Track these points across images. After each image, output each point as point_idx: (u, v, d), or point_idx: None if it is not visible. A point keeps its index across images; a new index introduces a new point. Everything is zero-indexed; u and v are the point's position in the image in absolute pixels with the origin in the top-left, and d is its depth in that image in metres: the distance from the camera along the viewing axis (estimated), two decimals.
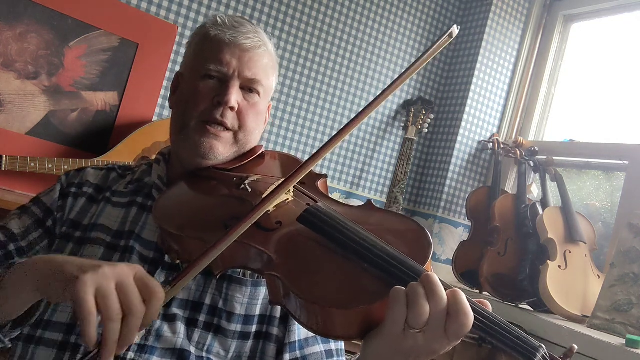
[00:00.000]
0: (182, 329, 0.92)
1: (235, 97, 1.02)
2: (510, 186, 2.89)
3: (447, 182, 2.88)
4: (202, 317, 0.94)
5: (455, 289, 0.71)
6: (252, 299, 0.97)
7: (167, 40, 2.38)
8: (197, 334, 0.93)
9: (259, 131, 1.11)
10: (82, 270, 0.70)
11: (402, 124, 2.93)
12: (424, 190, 3.02)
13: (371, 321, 0.74)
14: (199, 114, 1.03)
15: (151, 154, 2.26)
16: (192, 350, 0.91)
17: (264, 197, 0.84)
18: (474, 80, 2.91)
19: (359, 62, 2.87)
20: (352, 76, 2.87)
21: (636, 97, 2.57)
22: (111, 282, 0.68)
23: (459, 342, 0.71)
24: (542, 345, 0.71)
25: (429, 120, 2.86)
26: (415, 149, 2.96)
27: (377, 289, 0.72)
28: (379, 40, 2.92)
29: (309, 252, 0.82)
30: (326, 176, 1.06)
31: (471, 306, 0.70)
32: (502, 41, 2.97)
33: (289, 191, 0.93)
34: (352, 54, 2.86)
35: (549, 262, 2.20)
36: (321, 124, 2.81)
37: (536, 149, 2.64)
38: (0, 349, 0.93)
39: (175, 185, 1.03)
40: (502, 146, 2.81)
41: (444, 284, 0.72)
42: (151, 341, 0.91)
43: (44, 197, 1.09)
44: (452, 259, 2.61)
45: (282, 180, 0.86)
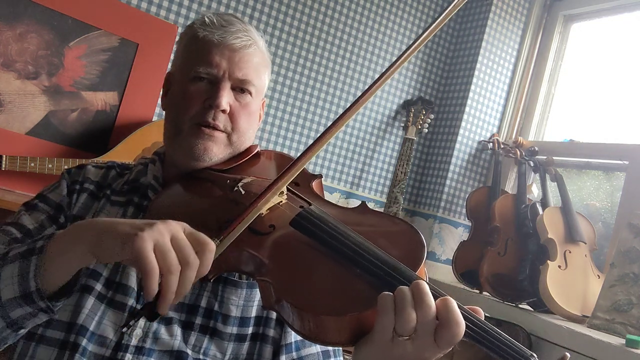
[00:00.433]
0: (178, 331, 0.92)
1: (226, 99, 1.00)
2: (510, 186, 2.89)
3: (447, 182, 2.88)
4: (198, 320, 0.94)
5: (446, 297, 0.70)
6: (248, 301, 0.96)
7: (167, 40, 2.38)
8: (193, 337, 0.93)
9: (253, 131, 1.09)
10: (138, 228, 0.71)
11: (402, 124, 2.93)
12: (424, 190, 3.02)
13: (363, 328, 0.73)
14: (191, 118, 1.01)
15: (151, 154, 2.26)
16: (189, 352, 0.91)
17: (260, 194, 0.83)
18: (474, 80, 2.91)
19: (359, 61, 2.87)
20: (352, 76, 2.86)
21: (636, 97, 2.57)
22: (167, 237, 0.71)
23: (450, 349, 0.70)
24: (534, 354, 0.70)
25: (429, 120, 2.86)
26: (415, 149, 2.96)
27: (369, 295, 0.71)
28: (378, 40, 2.92)
29: (302, 257, 0.81)
30: (321, 176, 1.04)
31: (463, 314, 0.69)
32: (502, 41, 2.97)
33: (283, 193, 0.92)
34: (352, 54, 2.86)
35: (549, 262, 2.20)
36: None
37: (536, 149, 2.64)
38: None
39: (169, 186, 1.02)
40: (502, 146, 2.81)
41: (437, 291, 0.70)
42: (149, 343, 0.90)
43: (50, 194, 1.07)
44: (452, 259, 2.61)
45: (275, 179, 0.85)
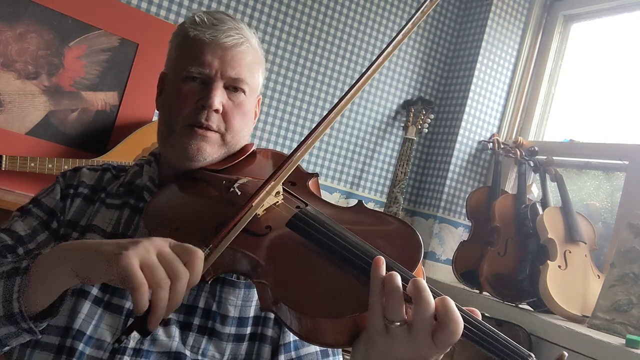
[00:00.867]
0: (176, 332, 0.92)
1: (219, 99, 0.99)
2: (510, 186, 2.89)
3: (447, 182, 2.88)
4: (196, 321, 0.93)
5: (444, 297, 0.69)
6: (246, 301, 0.96)
7: (167, 40, 2.37)
8: (191, 338, 0.92)
9: (248, 129, 1.08)
10: (122, 247, 0.71)
11: (402, 124, 2.93)
12: (424, 190, 3.02)
13: (361, 329, 0.73)
14: (184, 118, 1.00)
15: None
16: (188, 353, 0.91)
17: (255, 192, 0.82)
18: (474, 80, 2.91)
19: (359, 61, 2.87)
20: (352, 76, 2.86)
21: (636, 97, 2.57)
22: (152, 253, 0.71)
23: (448, 350, 0.70)
24: (531, 354, 0.69)
25: (429, 120, 2.86)
26: (415, 149, 2.96)
27: (366, 296, 0.70)
28: (378, 40, 2.91)
29: (298, 259, 0.80)
30: (317, 175, 1.03)
31: (461, 314, 0.69)
32: (502, 41, 2.97)
33: (279, 193, 0.91)
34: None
35: (549, 262, 2.20)
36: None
37: (536, 149, 2.64)
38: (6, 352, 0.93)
39: (165, 188, 1.02)
40: (502, 146, 2.81)
41: (434, 291, 0.70)
42: (146, 345, 0.90)
43: (44, 199, 1.07)
44: (452, 259, 2.61)
45: (268, 178, 0.84)
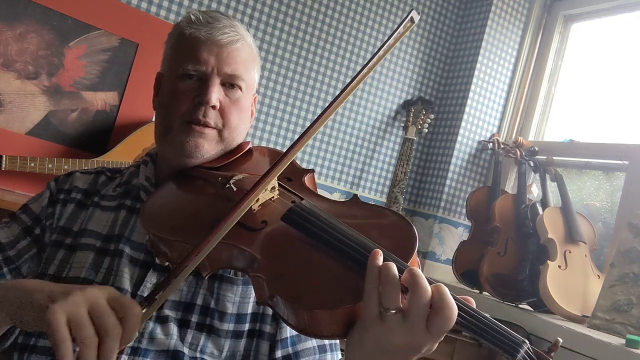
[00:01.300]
0: (174, 330, 0.92)
1: (216, 95, 1.00)
2: (510, 186, 2.89)
3: (447, 182, 2.88)
4: (194, 318, 0.93)
5: (439, 284, 0.70)
6: (244, 297, 0.96)
7: None
8: (189, 335, 0.92)
9: (245, 126, 1.09)
10: (51, 299, 0.69)
11: (402, 124, 2.93)
12: (424, 190, 3.02)
13: (357, 320, 0.73)
14: (181, 115, 1.01)
15: None
16: (186, 351, 0.91)
17: (241, 198, 0.81)
18: (474, 80, 2.91)
19: (358, 61, 2.87)
20: (350, 75, 2.86)
21: (636, 97, 2.57)
22: (82, 307, 0.67)
23: (442, 339, 0.70)
24: (525, 340, 0.70)
25: (429, 120, 2.86)
26: (415, 149, 2.96)
27: (361, 287, 0.71)
28: (378, 40, 2.91)
29: (294, 252, 0.81)
30: (313, 171, 1.03)
31: (455, 302, 0.70)
32: (502, 41, 2.97)
33: (274, 189, 0.92)
34: (352, 54, 2.86)
35: (549, 262, 2.20)
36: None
37: (536, 149, 2.64)
38: None
39: (162, 186, 1.02)
40: (502, 146, 2.81)
41: (429, 279, 0.71)
42: (144, 344, 0.90)
43: (32, 205, 1.08)
44: (452, 259, 2.61)
45: (264, 173, 0.84)
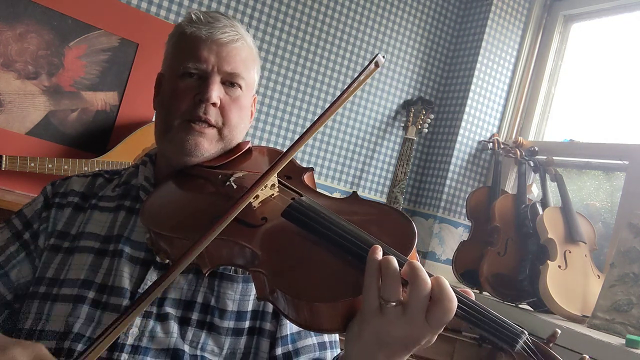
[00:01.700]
0: (175, 328, 0.92)
1: (216, 92, 1.01)
2: (510, 186, 2.89)
3: (447, 182, 2.88)
4: (194, 316, 0.94)
5: (438, 276, 0.71)
6: (244, 295, 0.97)
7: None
8: (190, 333, 0.93)
9: (245, 125, 1.09)
10: None
11: (402, 124, 2.93)
12: (424, 190, 3.02)
13: (356, 313, 0.74)
14: (182, 114, 1.02)
15: None
16: (186, 349, 0.91)
17: (242, 195, 0.82)
18: (474, 80, 2.91)
19: (359, 62, 2.87)
20: (351, 75, 2.86)
21: (636, 97, 2.57)
22: None
23: (440, 331, 0.71)
24: (524, 331, 0.71)
25: (429, 120, 2.86)
26: (415, 149, 2.96)
27: (361, 281, 0.72)
28: (378, 40, 2.91)
29: (294, 247, 0.82)
30: (312, 169, 1.04)
31: (455, 294, 0.70)
32: (502, 41, 2.97)
33: (274, 186, 0.92)
34: (352, 54, 2.86)
35: (549, 262, 2.20)
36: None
37: (536, 149, 2.64)
38: None
39: (162, 185, 1.02)
40: (502, 146, 2.81)
41: (428, 272, 0.71)
42: (145, 342, 0.90)
43: (25, 209, 1.08)
44: (452, 259, 2.61)
45: (265, 171, 0.85)
